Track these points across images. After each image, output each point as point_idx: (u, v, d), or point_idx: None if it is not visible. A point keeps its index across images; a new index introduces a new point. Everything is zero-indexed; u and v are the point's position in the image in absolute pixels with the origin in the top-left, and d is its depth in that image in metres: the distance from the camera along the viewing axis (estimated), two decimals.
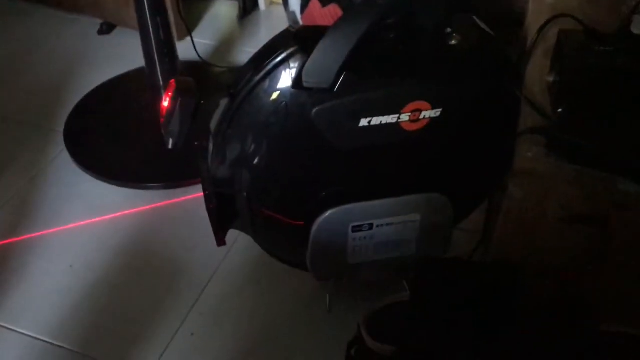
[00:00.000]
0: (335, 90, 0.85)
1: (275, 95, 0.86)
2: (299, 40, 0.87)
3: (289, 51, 0.85)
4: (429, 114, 0.89)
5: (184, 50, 1.65)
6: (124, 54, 1.77)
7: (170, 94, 0.87)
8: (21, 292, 1.22)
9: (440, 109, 0.89)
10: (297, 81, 0.85)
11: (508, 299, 0.80)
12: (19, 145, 1.56)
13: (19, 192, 1.44)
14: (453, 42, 0.89)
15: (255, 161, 0.93)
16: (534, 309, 0.81)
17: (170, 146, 0.89)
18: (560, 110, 0.85)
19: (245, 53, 1.82)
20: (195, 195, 1.37)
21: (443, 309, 0.82)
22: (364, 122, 0.88)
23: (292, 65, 0.85)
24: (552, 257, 0.88)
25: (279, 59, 0.85)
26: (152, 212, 1.38)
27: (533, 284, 0.84)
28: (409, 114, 0.88)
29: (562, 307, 0.82)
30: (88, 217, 1.37)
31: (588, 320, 0.81)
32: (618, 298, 0.89)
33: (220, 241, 0.98)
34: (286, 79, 0.85)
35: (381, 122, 0.88)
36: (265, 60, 0.86)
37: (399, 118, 0.88)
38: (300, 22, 1.39)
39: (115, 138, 1.55)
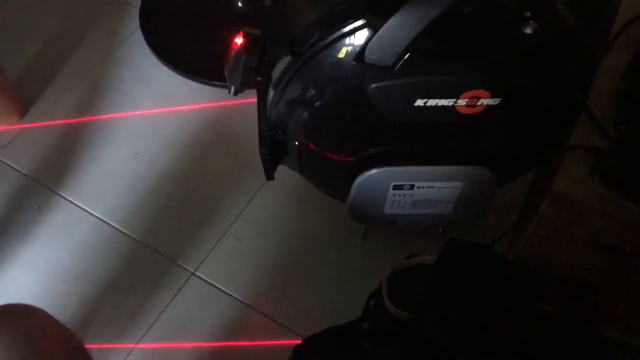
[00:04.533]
0: (396, 69, 0.85)
1: (336, 64, 0.87)
2: (371, 9, 0.85)
3: (357, 24, 0.84)
4: (487, 101, 0.88)
5: None
6: None
7: (237, 45, 0.89)
8: (90, 172, 1.34)
9: (500, 99, 0.88)
10: (360, 55, 0.85)
11: (522, 297, 0.84)
12: (95, 16, 1.61)
13: (92, 69, 1.52)
14: (529, 30, 0.85)
15: (311, 112, 0.94)
16: (545, 309, 0.84)
17: (231, 92, 0.92)
18: (621, 126, 0.82)
19: None
20: None
21: (461, 291, 0.86)
22: (419, 102, 0.88)
23: (357, 38, 0.85)
24: (573, 269, 0.89)
25: (346, 29, 0.85)
26: (217, 111, 1.44)
27: (551, 286, 0.87)
28: (467, 100, 0.88)
29: (572, 312, 0.86)
30: (153, 106, 1.44)
31: (590, 326, 0.85)
32: (633, 311, 0.91)
33: (270, 177, 1.04)
34: (349, 51, 0.85)
35: (437, 104, 0.88)
36: (333, 26, 0.86)
37: (455, 102, 0.88)
38: None
39: (191, 27, 1.55)
